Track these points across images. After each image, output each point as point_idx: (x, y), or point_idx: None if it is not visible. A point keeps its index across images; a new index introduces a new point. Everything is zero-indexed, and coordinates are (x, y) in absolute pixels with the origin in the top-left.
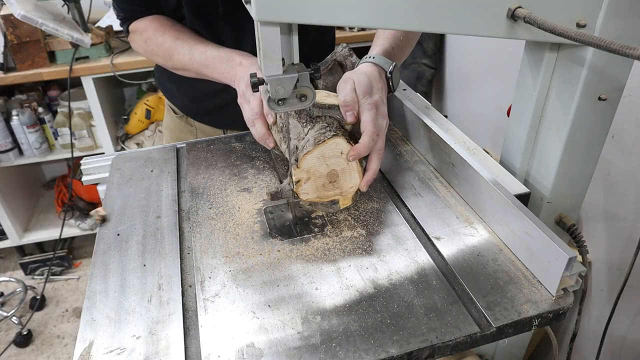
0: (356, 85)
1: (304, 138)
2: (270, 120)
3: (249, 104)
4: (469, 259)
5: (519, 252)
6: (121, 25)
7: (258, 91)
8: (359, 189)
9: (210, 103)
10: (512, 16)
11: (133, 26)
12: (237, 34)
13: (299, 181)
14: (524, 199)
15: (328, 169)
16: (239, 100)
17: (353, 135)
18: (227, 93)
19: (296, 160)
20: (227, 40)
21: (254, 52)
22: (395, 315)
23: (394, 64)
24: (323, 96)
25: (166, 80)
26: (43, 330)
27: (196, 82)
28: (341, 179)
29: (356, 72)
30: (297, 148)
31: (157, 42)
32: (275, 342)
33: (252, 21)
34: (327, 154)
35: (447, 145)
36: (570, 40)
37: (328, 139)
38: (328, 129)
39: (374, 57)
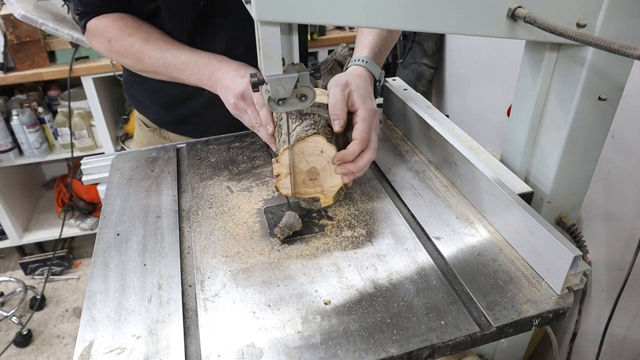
0: (354, 89)
1: (291, 134)
2: (270, 130)
3: (247, 114)
4: (469, 258)
5: (523, 251)
6: (79, 20)
7: (258, 91)
8: (341, 189)
9: (187, 108)
10: (512, 16)
11: (92, 23)
12: (219, 29)
13: (278, 175)
14: (527, 198)
15: (308, 166)
16: (234, 112)
17: (344, 135)
18: (202, 96)
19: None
20: (207, 37)
21: (234, 47)
22: (395, 315)
23: (383, 72)
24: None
25: (137, 93)
26: (43, 330)
27: (169, 87)
28: (322, 177)
29: (352, 75)
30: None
31: (124, 44)
32: (275, 341)
33: (234, 17)
34: (306, 152)
35: (449, 144)
36: (570, 40)
37: (308, 136)
38: (313, 126)
39: (366, 62)
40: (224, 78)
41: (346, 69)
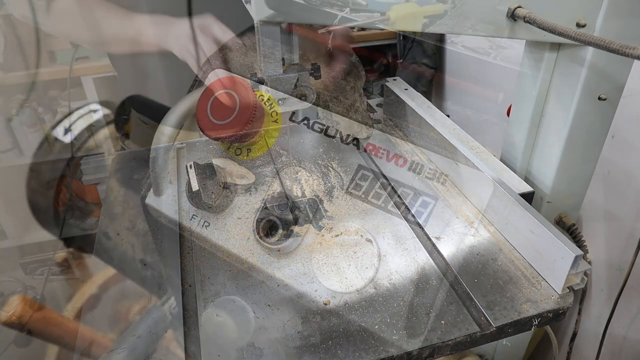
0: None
1: None
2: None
3: (194, 57)
4: (469, 258)
5: (523, 251)
6: None
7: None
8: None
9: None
10: (512, 16)
11: None
12: None
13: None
14: (527, 197)
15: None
16: (182, 54)
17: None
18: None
19: None
20: None
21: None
22: (395, 315)
23: None
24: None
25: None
26: (43, 330)
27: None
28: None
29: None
30: None
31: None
32: (275, 341)
33: None
34: None
35: (450, 144)
36: (570, 40)
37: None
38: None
39: None
40: (178, 29)
41: None
